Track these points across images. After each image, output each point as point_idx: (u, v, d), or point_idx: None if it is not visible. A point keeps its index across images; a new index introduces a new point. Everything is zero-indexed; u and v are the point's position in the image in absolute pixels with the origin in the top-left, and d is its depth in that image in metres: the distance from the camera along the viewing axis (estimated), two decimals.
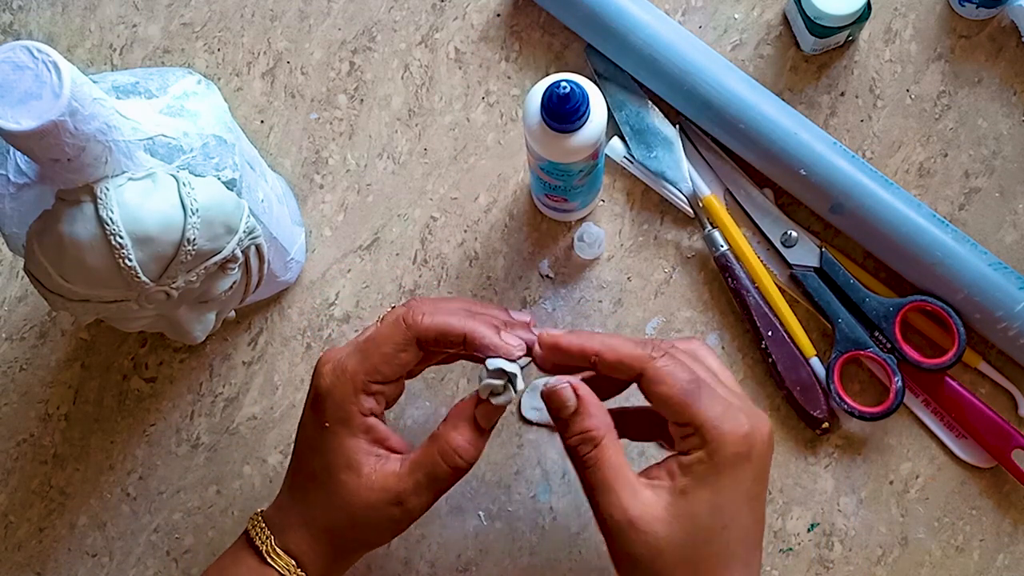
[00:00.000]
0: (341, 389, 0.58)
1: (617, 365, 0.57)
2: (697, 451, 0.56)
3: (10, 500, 0.74)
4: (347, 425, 0.59)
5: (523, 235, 0.75)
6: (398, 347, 0.58)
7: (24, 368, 0.75)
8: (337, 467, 0.59)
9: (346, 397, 0.58)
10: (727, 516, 0.56)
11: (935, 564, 0.71)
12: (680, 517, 0.56)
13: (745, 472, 0.56)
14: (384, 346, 0.58)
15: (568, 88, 0.59)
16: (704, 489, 0.56)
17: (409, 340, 0.58)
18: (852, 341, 0.71)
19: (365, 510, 0.59)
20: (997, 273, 0.69)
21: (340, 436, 0.59)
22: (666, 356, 0.57)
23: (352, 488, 0.59)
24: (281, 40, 0.77)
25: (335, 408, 0.59)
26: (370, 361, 0.58)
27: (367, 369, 0.58)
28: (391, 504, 0.59)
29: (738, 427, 0.56)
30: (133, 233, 0.54)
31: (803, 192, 0.72)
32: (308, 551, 0.60)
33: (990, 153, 0.74)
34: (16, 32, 0.78)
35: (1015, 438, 0.70)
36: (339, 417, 0.59)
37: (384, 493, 0.59)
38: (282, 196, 0.72)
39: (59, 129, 0.50)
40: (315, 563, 0.60)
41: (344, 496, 0.59)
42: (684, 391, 0.56)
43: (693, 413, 0.56)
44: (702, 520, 0.56)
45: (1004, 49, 0.75)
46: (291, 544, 0.60)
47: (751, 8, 0.76)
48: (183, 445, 0.74)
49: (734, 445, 0.56)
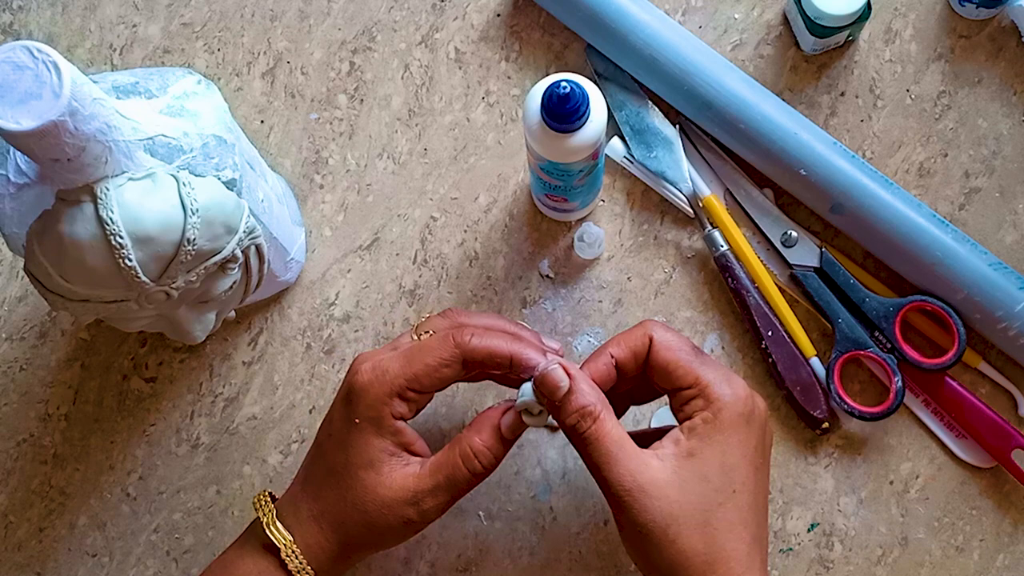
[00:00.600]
0: (378, 389, 0.59)
1: (631, 358, 0.60)
2: (702, 412, 0.58)
3: (10, 500, 0.74)
4: (377, 424, 0.59)
5: (523, 235, 0.75)
6: (443, 362, 0.59)
7: (24, 368, 0.75)
8: (358, 464, 0.60)
9: (381, 398, 0.59)
10: (737, 479, 0.57)
11: (935, 564, 0.71)
12: (691, 480, 0.57)
13: (750, 433, 0.58)
14: (430, 358, 0.59)
15: (568, 88, 0.59)
16: (712, 448, 0.57)
17: (456, 358, 0.59)
18: (852, 341, 0.71)
19: (380, 508, 0.59)
20: (997, 273, 0.69)
21: (368, 434, 0.60)
22: (663, 327, 0.60)
23: (370, 486, 0.59)
24: (281, 40, 0.77)
25: (368, 407, 0.59)
26: (413, 369, 0.59)
27: (408, 376, 0.59)
28: (407, 504, 0.59)
29: (740, 388, 0.58)
30: (133, 233, 0.54)
31: (803, 192, 0.72)
32: (314, 545, 0.61)
33: (990, 153, 0.74)
34: (16, 32, 0.78)
35: (1015, 438, 0.70)
36: (370, 416, 0.59)
37: (402, 492, 0.59)
38: (282, 196, 0.72)
39: (59, 129, 0.50)
40: (320, 557, 0.61)
41: (360, 493, 0.59)
42: (688, 354, 0.59)
43: (698, 374, 0.58)
44: (713, 481, 0.57)
45: (1004, 49, 0.75)
46: (298, 535, 0.61)
47: (751, 8, 0.76)
48: (183, 445, 0.74)
49: (738, 404, 0.58)
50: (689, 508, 0.56)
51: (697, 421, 0.58)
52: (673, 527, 0.56)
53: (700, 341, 0.73)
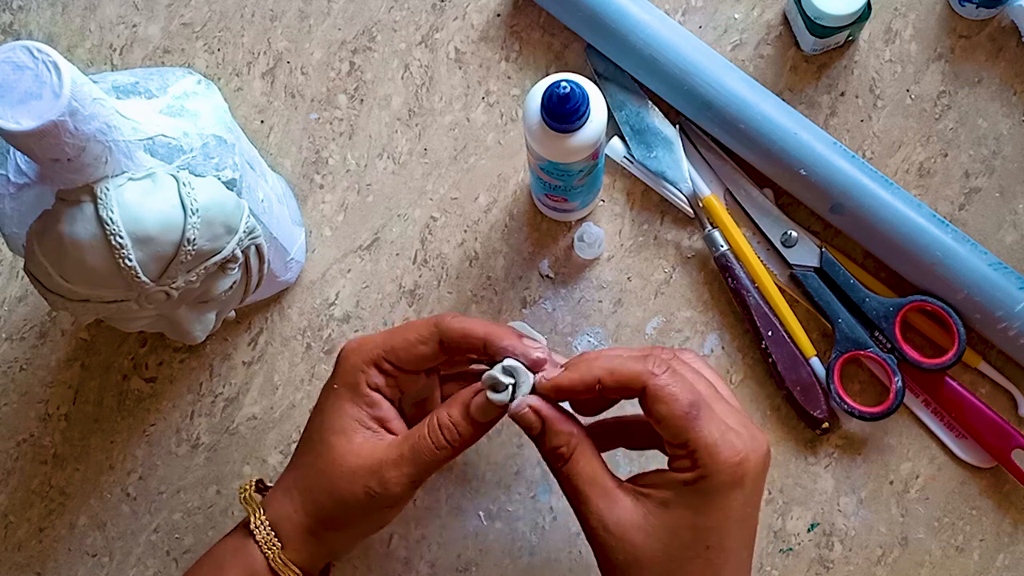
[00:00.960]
0: (356, 356, 0.61)
1: (619, 388, 0.57)
2: (686, 472, 0.55)
3: (10, 500, 0.74)
4: (353, 391, 0.60)
5: (523, 235, 0.75)
6: (421, 339, 0.60)
7: (24, 368, 0.75)
8: (331, 429, 0.60)
9: (358, 364, 0.61)
10: (711, 538, 0.55)
11: (935, 564, 0.71)
12: (659, 528, 0.56)
13: (735, 498, 0.55)
14: (409, 333, 0.61)
15: (568, 88, 0.59)
16: (687, 509, 0.55)
17: (433, 335, 0.60)
18: (852, 341, 0.71)
19: (345, 476, 0.59)
20: (997, 273, 0.69)
21: (342, 399, 0.61)
22: (668, 372, 0.56)
23: (339, 452, 0.60)
24: (281, 40, 0.77)
25: (345, 372, 0.61)
26: (391, 341, 0.61)
27: (387, 347, 0.60)
28: (370, 473, 0.59)
29: (733, 455, 0.55)
30: (133, 233, 0.54)
31: (803, 192, 0.72)
32: (284, 517, 0.61)
33: (990, 153, 0.74)
34: (16, 32, 0.78)
35: (1015, 438, 0.70)
36: (347, 382, 0.61)
37: (367, 460, 0.59)
38: (282, 196, 0.72)
39: (59, 129, 0.50)
40: (288, 530, 0.60)
41: (329, 459, 0.60)
42: (683, 413, 0.55)
43: (689, 436, 0.55)
44: (682, 537, 0.55)
45: (1004, 49, 0.75)
46: (274, 505, 0.61)
47: (751, 8, 0.76)
48: (183, 445, 0.74)
49: (726, 473, 0.55)
50: (653, 555, 0.55)
51: (680, 478, 0.55)
52: (635, 569, 0.56)
53: (700, 341, 0.73)
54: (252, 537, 0.60)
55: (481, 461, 0.73)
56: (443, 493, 0.73)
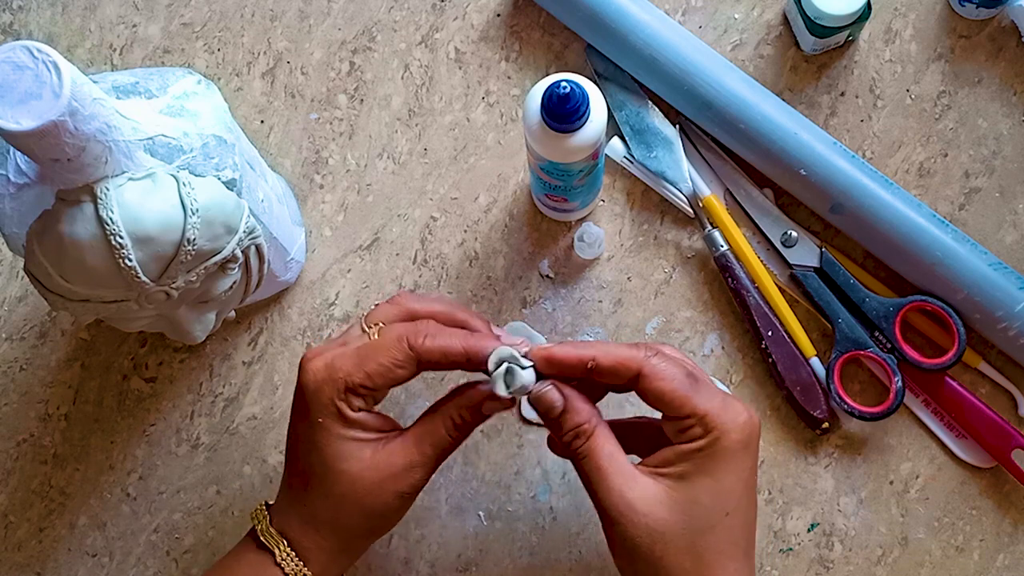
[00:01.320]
0: (331, 388, 0.59)
1: (614, 368, 0.58)
2: (699, 440, 0.56)
3: (10, 500, 0.74)
4: (340, 420, 0.59)
5: (523, 235, 0.75)
6: (397, 364, 0.59)
7: (24, 368, 0.75)
8: (335, 459, 0.59)
9: (334, 396, 0.59)
10: (730, 502, 0.57)
11: (935, 564, 0.71)
12: (681, 502, 0.56)
13: (745, 459, 0.57)
14: (383, 358, 0.59)
15: (568, 88, 0.59)
16: (706, 476, 0.56)
17: (410, 360, 0.59)
18: (852, 341, 0.71)
19: (372, 492, 0.59)
20: (997, 273, 0.69)
21: (334, 432, 0.59)
22: (659, 355, 0.58)
23: (355, 476, 0.59)
24: (281, 40, 0.77)
25: (323, 407, 0.59)
26: (365, 369, 0.59)
27: (361, 376, 0.59)
28: (399, 478, 0.59)
29: (738, 415, 0.57)
30: (133, 233, 0.54)
31: (803, 192, 0.72)
32: (312, 546, 0.60)
33: (990, 153, 0.74)
34: (16, 32, 0.78)
35: (1015, 438, 0.70)
36: (330, 413, 0.59)
37: (390, 468, 0.59)
38: (282, 196, 0.72)
39: (59, 129, 0.50)
40: (319, 558, 0.60)
41: (348, 487, 0.59)
42: (683, 384, 0.57)
43: (694, 405, 0.56)
44: (704, 506, 0.56)
45: (1004, 49, 0.75)
46: (295, 537, 0.60)
47: (751, 8, 0.76)
48: (183, 445, 0.74)
49: (736, 432, 0.57)
50: (676, 528, 0.56)
51: (693, 447, 0.57)
52: (659, 545, 0.56)
53: (700, 341, 0.73)
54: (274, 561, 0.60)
55: (481, 461, 0.73)
56: (443, 493, 0.73)
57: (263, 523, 0.61)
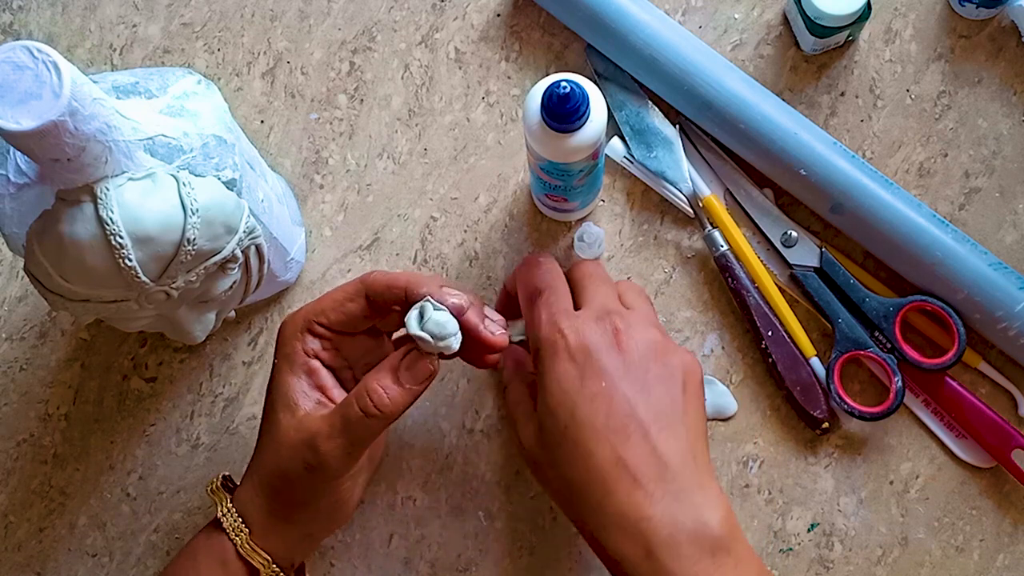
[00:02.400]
0: (289, 327, 0.62)
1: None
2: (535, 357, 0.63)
3: (10, 500, 0.74)
4: (290, 361, 0.61)
5: (523, 235, 0.75)
6: (348, 296, 0.62)
7: (24, 368, 0.75)
8: (277, 403, 0.61)
9: (292, 333, 0.62)
10: (561, 415, 0.60)
11: (935, 564, 0.71)
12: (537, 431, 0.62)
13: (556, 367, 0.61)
14: (336, 293, 0.62)
15: (568, 88, 0.59)
16: (538, 398, 0.62)
17: (359, 291, 0.61)
18: (852, 341, 0.71)
19: (288, 452, 0.60)
20: (997, 273, 0.69)
21: (284, 372, 0.61)
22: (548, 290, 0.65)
23: (285, 426, 0.60)
24: (281, 40, 0.77)
25: (282, 344, 0.62)
26: (319, 304, 0.62)
27: (315, 310, 0.62)
28: (307, 446, 0.59)
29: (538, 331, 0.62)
30: (133, 233, 0.54)
31: (803, 192, 0.72)
32: (247, 500, 0.62)
33: (990, 153, 0.74)
34: (16, 32, 0.78)
35: (1015, 438, 0.70)
36: (284, 353, 0.62)
37: (304, 434, 0.59)
38: (282, 196, 0.72)
39: (59, 129, 0.50)
40: (252, 514, 0.61)
41: (276, 435, 0.60)
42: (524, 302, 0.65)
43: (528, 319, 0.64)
44: (545, 427, 0.61)
45: (1004, 49, 0.75)
46: (240, 493, 0.62)
47: (751, 8, 0.76)
48: (183, 445, 0.74)
49: (543, 341, 0.62)
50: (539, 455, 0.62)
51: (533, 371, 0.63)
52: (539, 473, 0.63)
53: (700, 341, 0.73)
54: (221, 527, 0.61)
55: (481, 461, 0.73)
56: (443, 493, 0.73)
57: (214, 483, 0.64)
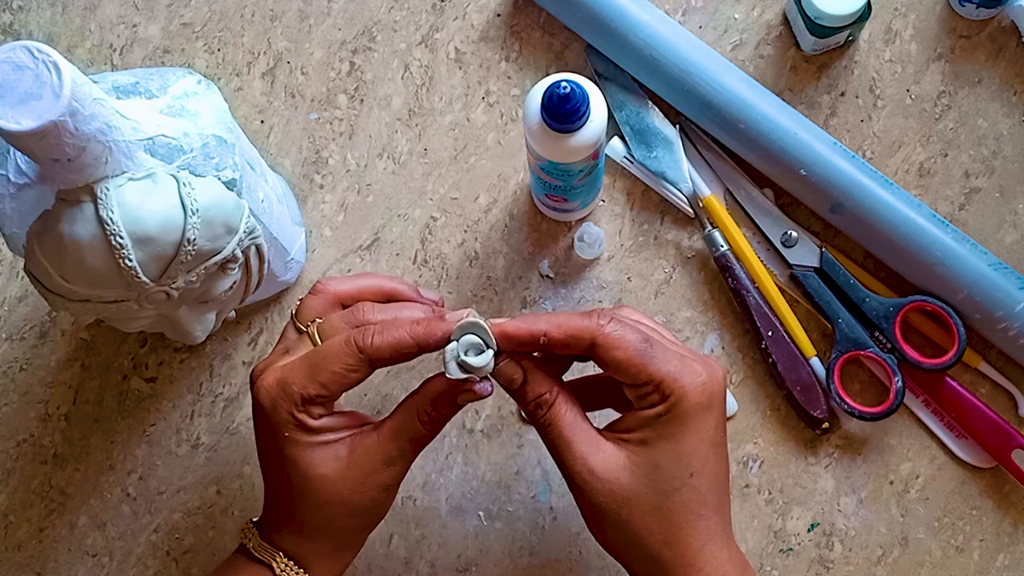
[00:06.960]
0: (287, 403, 0.58)
1: (567, 340, 0.57)
2: (657, 406, 0.57)
3: (10, 500, 0.74)
4: (305, 431, 0.59)
5: (523, 235, 0.75)
6: (350, 368, 0.58)
7: (24, 368, 0.75)
8: (311, 466, 0.59)
9: (293, 410, 0.58)
10: (694, 463, 0.57)
11: (935, 564, 0.71)
12: (643, 467, 0.57)
13: (707, 420, 0.57)
14: (334, 365, 0.58)
15: (568, 88, 0.59)
16: (666, 440, 0.57)
17: (362, 362, 0.58)
18: (852, 341, 0.71)
19: (358, 489, 0.59)
20: (997, 273, 0.69)
21: (301, 440, 0.59)
22: (613, 321, 0.58)
23: (336, 477, 0.59)
24: (281, 40, 0.77)
25: (284, 421, 0.59)
26: (319, 379, 0.58)
27: (316, 387, 0.58)
28: (380, 471, 0.59)
29: (696, 377, 0.57)
30: (133, 233, 0.54)
31: (803, 192, 0.72)
32: (309, 554, 0.60)
33: (990, 153, 0.74)
34: (16, 32, 0.78)
35: (1015, 438, 0.70)
36: (293, 426, 0.59)
37: (370, 463, 0.59)
38: (282, 196, 0.72)
39: (59, 129, 0.50)
40: (319, 563, 0.60)
41: (330, 488, 0.59)
42: (638, 351, 0.57)
43: (651, 371, 0.56)
44: (666, 469, 0.57)
45: (1004, 49, 0.75)
46: (290, 547, 0.60)
47: (751, 8, 0.76)
48: (183, 445, 0.74)
49: (694, 395, 0.57)
50: (640, 492, 0.57)
51: (652, 414, 0.57)
52: (625, 509, 0.57)
53: (700, 341, 0.73)
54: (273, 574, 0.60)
55: (481, 461, 0.73)
56: (443, 493, 0.73)
57: (254, 539, 0.61)
